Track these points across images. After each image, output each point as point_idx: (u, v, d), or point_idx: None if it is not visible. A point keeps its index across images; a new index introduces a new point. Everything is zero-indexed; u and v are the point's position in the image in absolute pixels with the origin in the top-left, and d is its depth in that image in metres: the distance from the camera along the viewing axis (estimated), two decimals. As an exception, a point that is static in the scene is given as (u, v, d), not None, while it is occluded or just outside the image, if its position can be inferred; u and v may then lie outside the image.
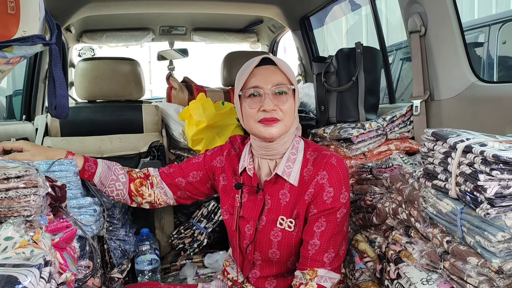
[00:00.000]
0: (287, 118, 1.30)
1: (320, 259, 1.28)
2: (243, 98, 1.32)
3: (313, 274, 1.27)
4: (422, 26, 1.70)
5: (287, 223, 1.33)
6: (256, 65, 1.31)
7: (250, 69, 1.30)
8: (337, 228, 1.29)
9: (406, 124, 1.82)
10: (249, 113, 1.30)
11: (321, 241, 1.28)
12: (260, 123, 1.29)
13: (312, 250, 1.28)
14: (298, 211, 1.32)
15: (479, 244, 0.95)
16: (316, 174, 1.30)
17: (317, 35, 3.06)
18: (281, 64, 1.32)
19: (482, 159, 0.93)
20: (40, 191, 0.88)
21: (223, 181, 1.45)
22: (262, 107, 1.28)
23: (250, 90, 1.29)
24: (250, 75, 1.30)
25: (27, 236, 0.82)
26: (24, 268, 0.71)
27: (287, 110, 1.30)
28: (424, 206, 1.17)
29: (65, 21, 2.60)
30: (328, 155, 1.32)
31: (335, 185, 1.28)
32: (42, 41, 0.89)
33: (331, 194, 1.28)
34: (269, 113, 1.28)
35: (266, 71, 1.31)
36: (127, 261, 1.81)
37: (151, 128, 2.18)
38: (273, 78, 1.29)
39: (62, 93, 1.02)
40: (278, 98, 1.29)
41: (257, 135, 1.32)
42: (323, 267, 1.27)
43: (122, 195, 1.47)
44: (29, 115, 2.55)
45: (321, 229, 1.28)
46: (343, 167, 1.31)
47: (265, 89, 1.28)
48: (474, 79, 1.59)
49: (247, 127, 1.34)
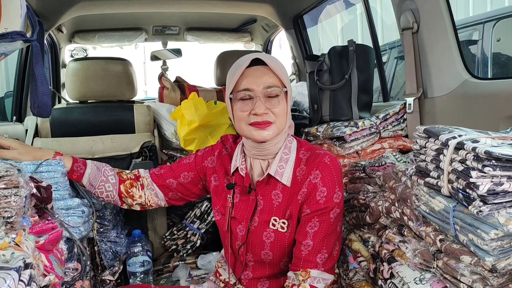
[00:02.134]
0: (280, 121, 1.26)
1: (313, 260, 1.25)
2: (234, 101, 1.28)
3: (306, 275, 1.24)
4: (414, 23, 1.68)
5: (280, 224, 1.30)
6: (248, 65, 1.27)
7: (241, 71, 1.25)
8: (330, 228, 1.27)
9: (400, 122, 1.80)
10: (240, 116, 1.26)
11: (314, 242, 1.25)
12: (252, 126, 1.25)
13: (305, 251, 1.26)
14: (291, 211, 1.29)
15: (472, 242, 0.94)
16: (309, 174, 1.27)
17: (311, 34, 3.05)
18: (273, 65, 1.26)
19: (474, 156, 0.92)
20: (22, 192, 0.86)
21: (215, 182, 1.43)
22: (254, 111, 1.23)
23: (241, 93, 1.25)
24: (241, 76, 1.26)
25: (7, 238, 0.80)
26: (2, 271, 0.69)
27: (279, 112, 1.26)
28: (416, 204, 1.15)
29: (56, 21, 2.57)
30: (321, 154, 1.29)
31: (328, 184, 1.26)
32: (22, 38, 0.86)
33: (324, 193, 1.25)
34: (260, 117, 1.24)
35: (257, 72, 1.26)
36: (119, 263, 1.79)
37: (143, 128, 2.16)
38: (264, 80, 1.24)
39: (44, 90, 1.00)
40: (269, 101, 1.25)
41: (249, 138, 1.29)
42: (316, 267, 1.25)
43: (111, 197, 1.45)
44: (20, 116, 2.53)
45: (314, 229, 1.26)
46: (337, 166, 1.28)
47: (256, 92, 1.24)
48: (467, 76, 1.58)
49: (239, 129, 1.30)
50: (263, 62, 1.27)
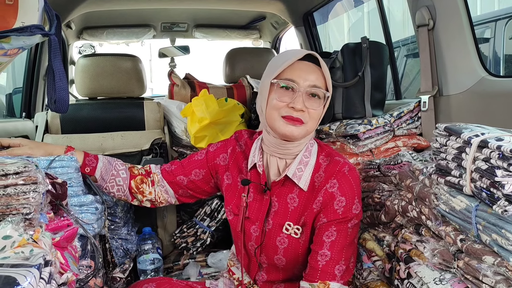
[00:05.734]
0: (311, 123, 1.23)
1: (331, 272, 1.20)
2: (274, 88, 1.22)
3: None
4: (430, 20, 1.66)
5: (294, 230, 1.27)
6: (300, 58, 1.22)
7: (293, 60, 1.20)
8: (348, 239, 1.23)
9: (414, 120, 1.78)
10: (275, 104, 1.21)
11: (331, 252, 1.21)
12: (283, 119, 1.21)
13: (322, 261, 1.21)
14: (306, 219, 1.26)
15: (496, 242, 0.92)
16: (326, 182, 1.23)
17: (319, 31, 3.02)
18: (324, 67, 1.23)
19: (499, 154, 0.90)
20: (40, 188, 0.85)
21: (227, 180, 1.39)
22: (291, 104, 1.19)
23: (285, 81, 1.20)
24: (290, 66, 1.21)
25: (26, 235, 0.78)
26: (23, 269, 0.68)
27: (315, 115, 1.22)
28: (436, 203, 1.13)
29: (65, 17, 2.56)
30: (341, 163, 1.25)
31: (347, 194, 1.22)
32: (41, 32, 0.85)
33: (343, 203, 1.21)
34: (296, 112, 1.19)
35: (307, 68, 1.22)
36: (129, 260, 1.78)
37: (153, 125, 2.15)
38: (312, 77, 1.20)
39: (62, 85, 0.98)
40: (310, 100, 1.21)
41: (275, 129, 1.22)
42: (334, 280, 1.20)
43: (122, 191, 1.41)
44: (29, 113, 2.52)
45: (331, 238, 1.21)
46: (356, 177, 1.25)
47: (301, 86, 1.19)
48: (484, 74, 1.55)
49: (268, 118, 1.23)
50: (314, 61, 1.24)
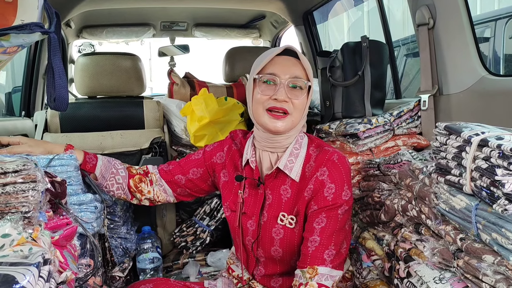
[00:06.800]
0: (296, 113, 1.27)
1: (320, 256, 1.22)
2: (257, 83, 1.28)
3: (313, 272, 1.21)
4: (430, 19, 1.66)
5: (288, 220, 1.29)
6: (278, 54, 1.29)
7: (272, 56, 1.28)
8: (338, 225, 1.24)
9: (414, 119, 1.78)
10: (259, 99, 1.27)
11: (321, 237, 1.23)
12: (268, 114, 1.26)
13: (312, 247, 1.23)
14: (299, 208, 1.28)
15: (496, 241, 0.92)
16: (316, 170, 1.27)
17: (319, 30, 3.02)
18: (303, 59, 1.30)
19: (500, 153, 0.89)
20: (39, 186, 0.84)
21: (224, 178, 1.42)
22: (274, 96, 1.25)
23: (266, 76, 1.26)
24: (270, 61, 1.28)
25: (25, 233, 0.78)
26: (22, 267, 0.68)
27: (298, 105, 1.27)
28: (436, 202, 1.13)
29: (65, 16, 2.55)
30: (330, 152, 1.28)
31: (336, 181, 1.25)
32: (40, 30, 0.84)
33: (332, 190, 1.24)
34: (279, 103, 1.25)
35: (286, 62, 1.28)
36: (129, 259, 1.78)
37: (152, 124, 2.15)
38: (292, 70, 1.27)
39: (62, 83, 0.98)
40: (292, 91, 1.26)
41: (262, 125, 1.28)
42: (323, 264, 1.22)
43: (122, 189, 1.44)
44: (28, 111, 2.52)
45: (321, 225, 1.24)
46: (345, 165, 1.28)
47: (282, 79, 1.25)
48: (485, 73, 1.55)
49: (255, 114, 1.30)
50: (293, 55, 1.30)
